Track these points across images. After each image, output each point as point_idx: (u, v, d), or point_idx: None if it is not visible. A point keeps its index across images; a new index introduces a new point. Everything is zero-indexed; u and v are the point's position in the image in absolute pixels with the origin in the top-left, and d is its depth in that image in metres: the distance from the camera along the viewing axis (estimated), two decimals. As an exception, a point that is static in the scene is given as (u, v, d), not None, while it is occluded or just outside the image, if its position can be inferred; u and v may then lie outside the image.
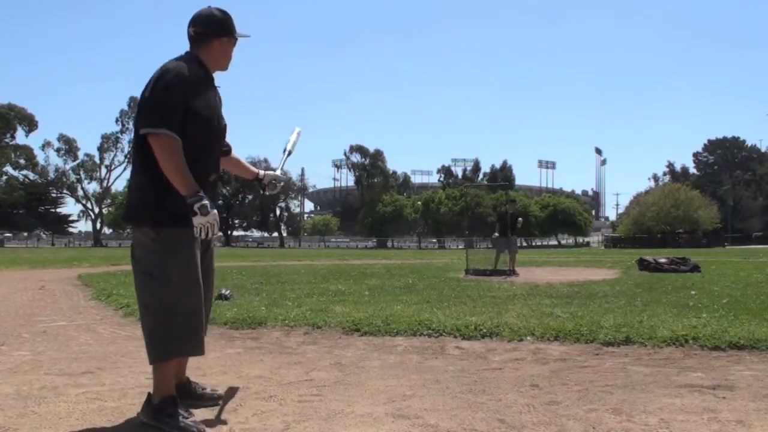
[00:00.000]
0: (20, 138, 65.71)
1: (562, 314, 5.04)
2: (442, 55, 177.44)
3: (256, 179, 2.95)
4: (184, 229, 2.36)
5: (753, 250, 37.11)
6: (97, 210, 70.05)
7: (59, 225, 71.15)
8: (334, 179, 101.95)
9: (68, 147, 67.57)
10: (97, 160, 68.89)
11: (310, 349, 4.07)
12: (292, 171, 75.91)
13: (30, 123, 65.10)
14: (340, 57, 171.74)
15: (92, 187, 70.17)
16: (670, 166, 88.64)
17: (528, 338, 4.17)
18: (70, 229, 75.39)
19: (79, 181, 69.06)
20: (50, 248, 51.93)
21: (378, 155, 78.44)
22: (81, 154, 68.40)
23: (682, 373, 3.24)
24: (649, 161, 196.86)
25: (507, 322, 4.53)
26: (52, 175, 68.00)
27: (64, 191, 69.69)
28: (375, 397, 2.84)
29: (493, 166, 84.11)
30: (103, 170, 69.41)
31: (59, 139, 67.38)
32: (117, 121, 66.91)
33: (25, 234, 72.30)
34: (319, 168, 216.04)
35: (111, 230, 76.97)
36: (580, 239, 72.44)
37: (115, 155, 68.16)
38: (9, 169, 66.32)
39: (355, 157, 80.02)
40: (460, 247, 54.87)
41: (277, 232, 77.65)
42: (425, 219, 69.91)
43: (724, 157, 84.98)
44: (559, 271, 13.21)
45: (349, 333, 4.50)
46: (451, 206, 65.94)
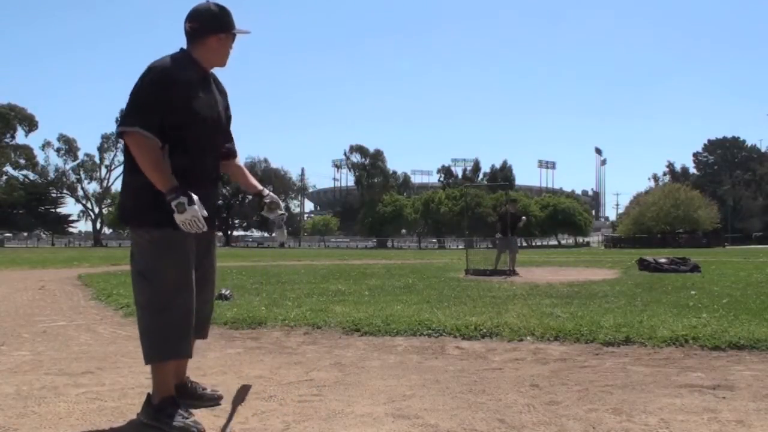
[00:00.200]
0: (20, 138, 66.06)
1: (562, 314, 5.04)
2: (442, 55, 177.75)
3: (258, 195, 2.82)
4: (177, 229, 2.33)
5: (753, 250, 37.12)
6: (97, 210, 70.26)
7: (59, 225, 71.18)
8: (334, 179, 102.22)
9: (68, 147, 67.75)
10: (97, 160, 69.18)
11: (310, 349, 4.07)
12: (292, 171, 75.92)
13: (30, 123, 65.23)
14: (340, 57, 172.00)
15: (92, 187, 70.52)
16: (670, 166, 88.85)
17: (528, 338, 4.17)
18: (70, 229, 75.62)
19: (79, 181, 69.28)
20: (50, 248, 51.94)
21: (378, 155, 78.54)
22: (81, 154, 68.77)
23: (682, 373, 3.24)
24: (649, 161, 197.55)
25: (507, 322, 4.53)
26: (52, 175, 68.18)
27: (64, 191, 69.82)
28: (375, 397, 2.83)
29: (493, 166, 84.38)
30: (103, 170, 69.74)
31: (59, 139, 67.68)
32: (117, 121, 66.96)
33: (25, 234, 72.37)
34: (319, 168, 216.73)
35: (111, 230, 77.08)
36: (580, 239, 72.46)
37: (115, 155, 68.29)
38: (9, 169, 66.52)
39: (355, 157, 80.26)
40: (460, 247, 54.89)
41: (276, 232, 77.56)
42: (425, 219, 69.91)
43: (724, 157, 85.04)
44: (559, 271, 13.20)
45: (349, 333, 4.50)
46: (451, 206, 65.96)
